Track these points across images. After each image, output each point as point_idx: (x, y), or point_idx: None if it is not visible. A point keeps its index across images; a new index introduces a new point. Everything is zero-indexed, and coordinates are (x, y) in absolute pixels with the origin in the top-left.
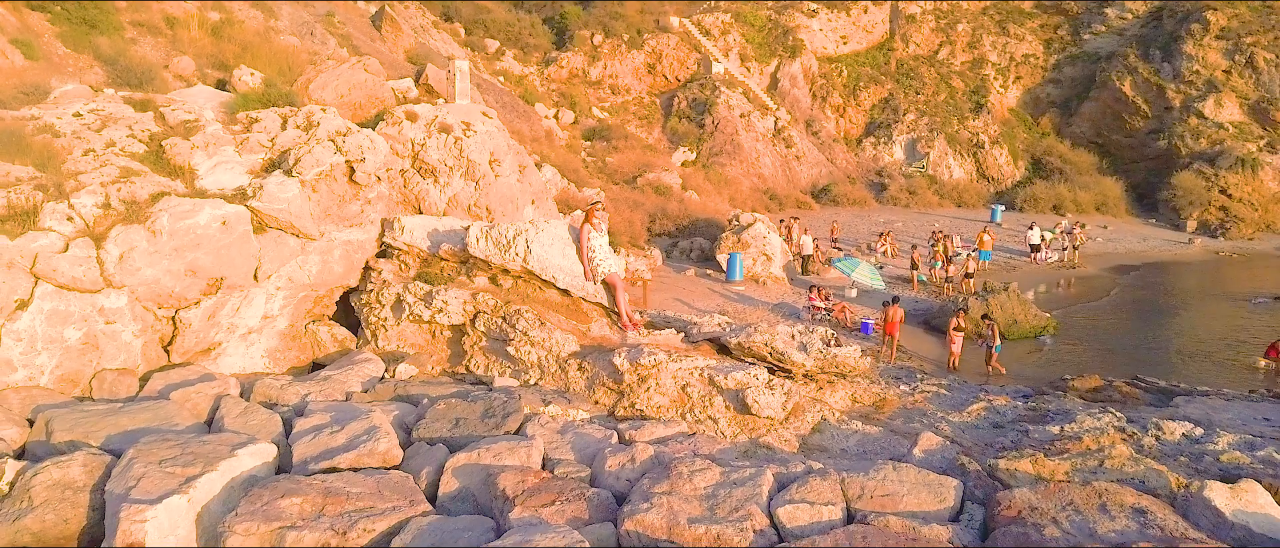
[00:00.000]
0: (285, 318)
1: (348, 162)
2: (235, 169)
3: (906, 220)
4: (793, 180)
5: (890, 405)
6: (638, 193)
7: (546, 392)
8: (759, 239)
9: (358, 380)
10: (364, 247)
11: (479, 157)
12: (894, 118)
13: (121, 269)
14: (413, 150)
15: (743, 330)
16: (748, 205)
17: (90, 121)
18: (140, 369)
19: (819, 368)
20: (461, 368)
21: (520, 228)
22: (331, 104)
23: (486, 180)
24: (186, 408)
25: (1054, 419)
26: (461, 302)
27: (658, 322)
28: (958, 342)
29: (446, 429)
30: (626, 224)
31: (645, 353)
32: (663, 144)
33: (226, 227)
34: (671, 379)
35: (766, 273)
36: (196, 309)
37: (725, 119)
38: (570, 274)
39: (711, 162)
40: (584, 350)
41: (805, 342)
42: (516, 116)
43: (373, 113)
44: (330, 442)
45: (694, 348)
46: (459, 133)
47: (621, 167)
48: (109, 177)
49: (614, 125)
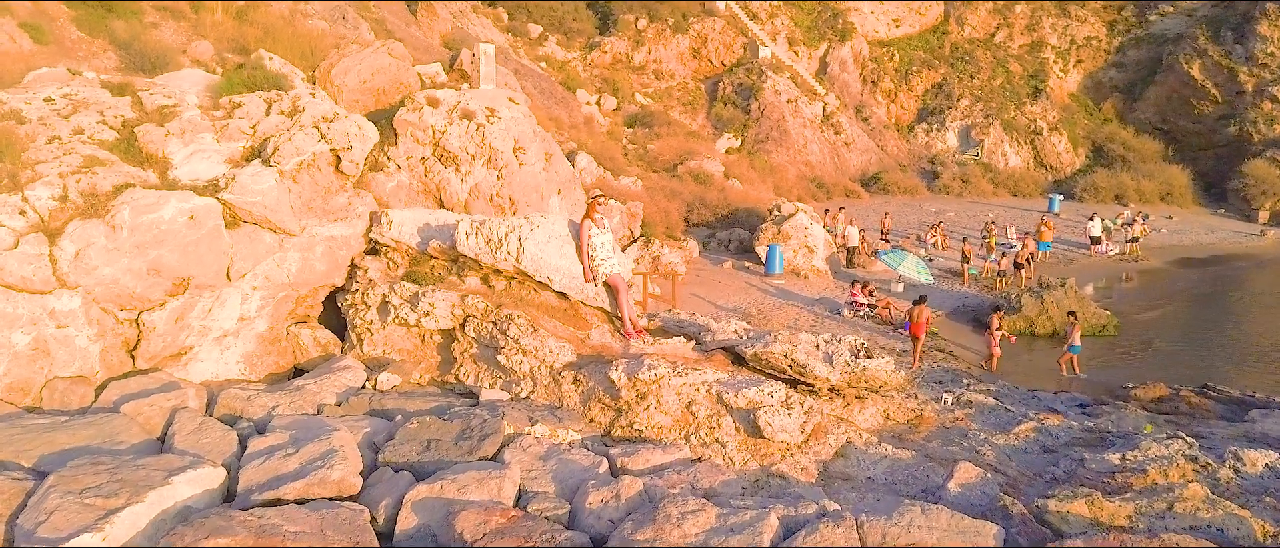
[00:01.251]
0: (264, 320)
1: (333, 150)
2: (213, 158)
3: (959, 210)
4: (841, 168)
5: (927, 424)
6: (677, 181)
7: (536, 408)
8: (800, 230)
9: (333, 391)
10: (349, 242)
11: (502, 144)
12: (948, 104)
13: (76, 268)
14: (433, 137)
15: (760, 339)
16: (794, 194)
17: (61, 107)
18: (99, 377)
19: (846, 382)
20: (451, 377)
21: (513, 223)
22: (354, 90)
23: (510, 169)
24: (139, 422)
25: (1114, 444)
26: (449, 305)
27: (670, 327)
28: (997, 341)
29: (416, 453)
30: (662, 214)
31: (645, 366)
32: (707, 130)
33: (194, 221)
34: (675, 396)
35: (808, 266)
36: (161, 311)
37: (772, 105)
38: (568, 275)
39: (757, 148)
40: (581, 361)
41: (831, 352)
42: (554, 103)
43: (397, 99)
44: (281, 467)
45: (706, 359)
46: (482, 119)
47: (662, 154)
48: (70, 166)
49: (657, 111)
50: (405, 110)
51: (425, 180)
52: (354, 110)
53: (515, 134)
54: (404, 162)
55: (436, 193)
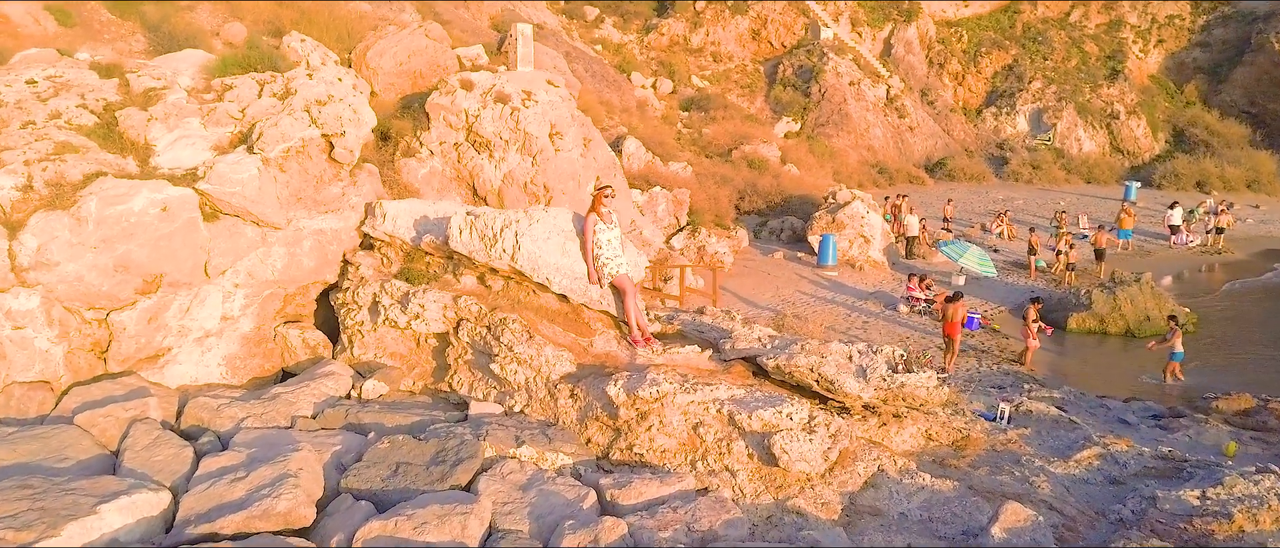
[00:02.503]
0: (250, 319)
1: (325, 136)
2: (198, 145)
3: (1028, 198)
4: (905, 153)
5: (974, 447)
6: (729, 166)
7: (527, 425)
8: (856, 219)
9: (311, 401)
10: (340, 236)
11: (537, 129)
12: (1018, 86)
13: (37, 264)
14: (467, 122)
15: (785, 348)
16: (854, 180)
17: (42, 90)
18: (64, 381)
19: (881, 399)
20: (445, 385)
21: (510, 217)
22: (390, 73)
23: (545, 155)
24: (94, 434)
25: (1192, 477)
26: (441, 306)
27: (688, 332)
28: (1034, 333)
29: (381, 478)
30: (712, 201)
31: (647, 382)
32: (765, 114)
33: (167, 213)
34: (680, 417)
35: (864, 257)
36: (131, 311)
37: (833, 87)
38: (569, 276)
39: (817, 132)
40: (580, 372)
41: (865, 364)
42: (606, 86)
43: (435, 82)
44: (226, 494)
45: (724, 370)
46: (517, 103)
47: (717, 138)
48: (38, 153)
49: (714, 94)
50: (438, 94)
51: (458, 167)
52: (389, 94)
53: (552, 118)
54: (437, 147)
55: (469, 180)
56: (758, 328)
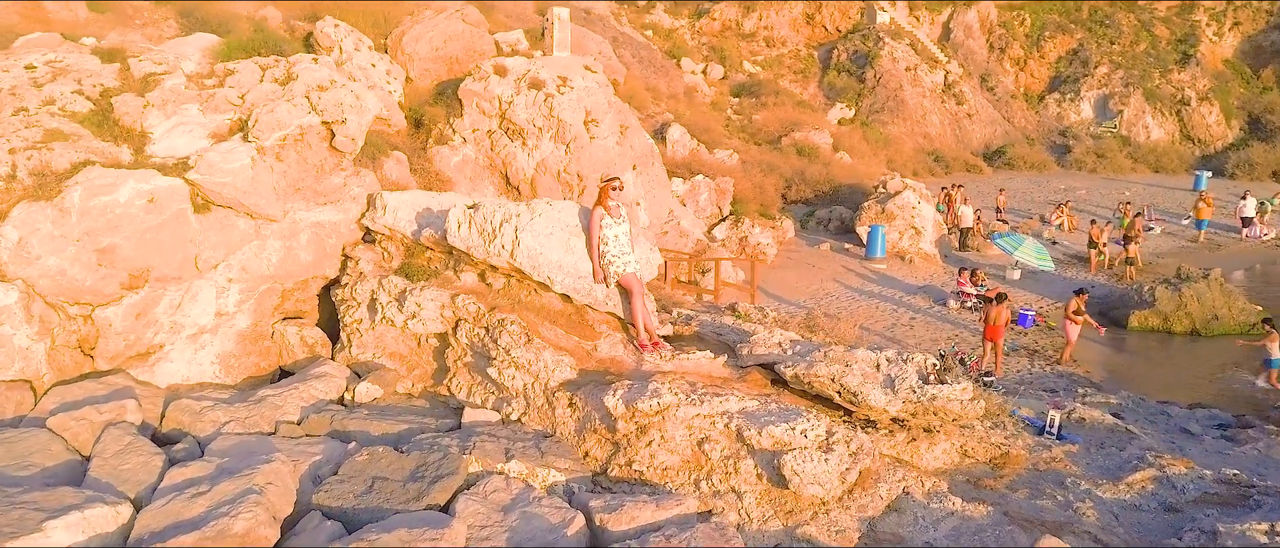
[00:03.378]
0: (246, 316)
1: (325, 123)
2: (195, 132)
3: (1091, 188)
4: (963, 140)
5: (1014, 465)
6: (778, 154)
7: (521, 436)
8: (907, 210)
9: (299, 404)
10: (338, 229)
11: (572, 116)
12: (1083, 71)
13: (17, 257)
14: (500, 109)
15: (806, 355)
16: (909, 168)
17: (40, 75)
18: (47, 380)
19: (910, 413)
20: (445, 388)
21: (510, 211)
22: (425, 58)
23: (579, 143)
24: (67, 437)
25: (1259, 506)
26: (439, 305)
27: (706, 334)
28: (1073, 331)
29: (355, 495)
30: (757, 190)
31: (648, 393)
32: (818, 100)
33: (154, 205)
34: (683, 431)
35: (914, 249)
36: (117, 307)
37: (889, 73)
38: (573, 274)
39: (871, 119)
40: (582, 379)
41: (894, 374)
42: (653, 72)
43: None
44: (185, 510)
45: (739, 378)
46: (552, 89)
47: (767, 125)
48: (25, 141)
49: (765, 80)
50: (471, 80)
51: (491, 155)
52: (425, 80)
53: (588, 104)
54: (469, 135)
55: (502, 169)
56: (779, 332)
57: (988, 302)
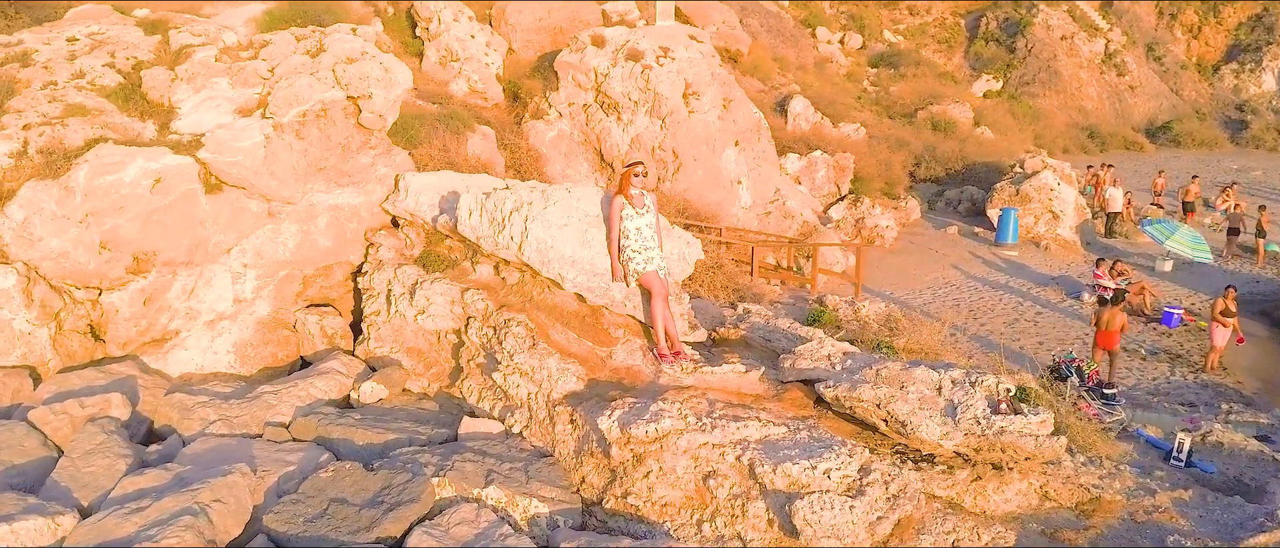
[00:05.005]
0: (266, 303)
1: (350, 98)
2: (222, 107)
3: (1270, 168)
4: (1123, 115)
5: (1105, 514)
6: (910, 129)
7: (512, 456)
8: (1044, 192)
9: (295, 403)
10: (358, 213)
11: (669, 89)
12: (1267, 39)
13: (19, 238)
14: (596, 81)
15: (856, 372)
16: (1059, 144)
17: (79, 47)
18: (53, 365)
19: (973, 448)
20: (457, 390)
21: (521, 198)
22: (528, 28)
23: (676, 117)
24: (47, 432)
25: None
26: (449, 300)
27: (754, 338)
28: (1221, 334)
29: (304, 519)
30: (882, 167)
31: (648, 415)
32: (963, 72)
33: (161, 185)
34: (687, 463)
35: (1051, 234)
36: (122, 293)
37: (1042, 42)
38: (587, 271)
39: (1020, 92)
40: (589, 391)
41: (958, 399)
42: (782, 42)
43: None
44: (116, 528)
45: (775, 396)
46: (651, 60)
47: (904, 97)
48: (43, 116)
49: (906, 50)
50: (567, 51)
51: (586, 130)
52: (527, 52)
53: (690, 76)
54: (565, 109)
55: (596, 145)
56: (830, 343)
57: (1103, 303)
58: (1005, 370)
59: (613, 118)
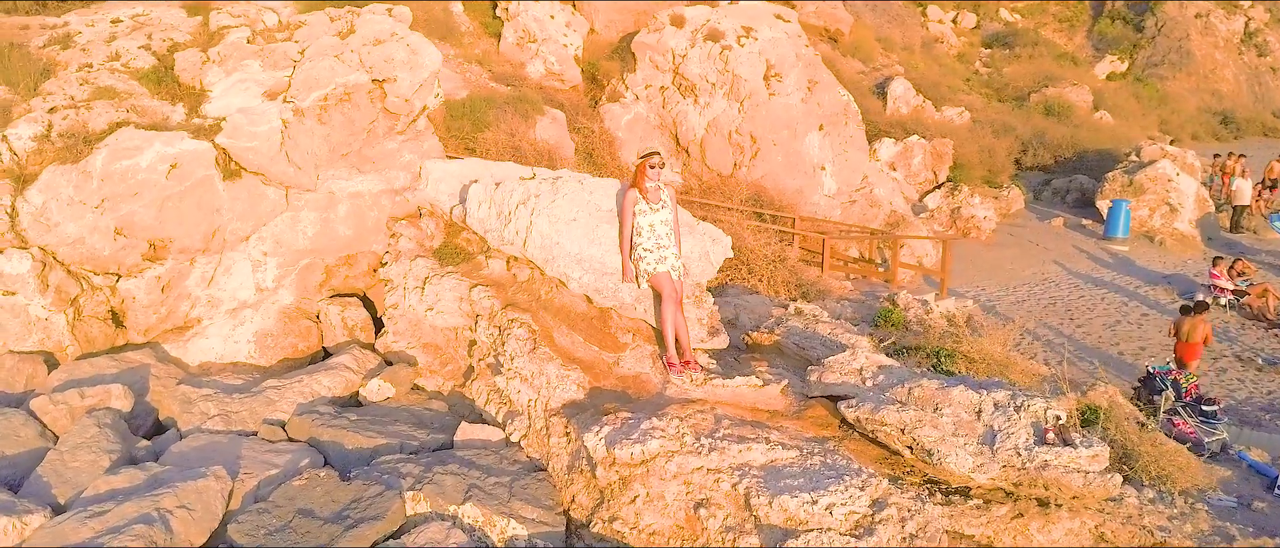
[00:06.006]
0: (289, 292)
1: (376, 81)
2: (252, 90)
3: None
4: (1263, 99)
5: None
6: (1019, 114)
7: (499, 469)
8: (1160, 183)
9: (297, 399)
10: (379, 201)
11: (749, 70)
12: None
13: (36, 223)
14: (673, 63)
15: (886, 390)
16: (1187, 130)
17: (121, 29)
18: (72, 352)
19: (1012, 482)
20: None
21: (528, 190)
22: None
23: (755, 100)
24: (47, 422)
25: None
26: (457, 297)
27: (788, 345)
28: None
29: (266, 531)
30: (984, 154)
31: (635, 434)
32: (1085, 52)
33: (177, 171)
34: (678, 489)
35: (1167, 229)
36: (138, 280)
37: (1173, 20)
38: (595, 271)
39: (1147, 74)
40: (590, 400)
41: (999, 426)
42: (887, 21)
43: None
44: (73, 532)
45: (794, 414)
46: (731, 41)
47: (1017, 78)
48: (70, 99)
49: (1024, 30)
50: (645, 32)
51: (662, 113)
52: (610, 32)
53: (773, 57)
54: (642, 91)
55: (672, 128)
56: (864, 354)
57: (1184, 311)
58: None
59: (689, 100)
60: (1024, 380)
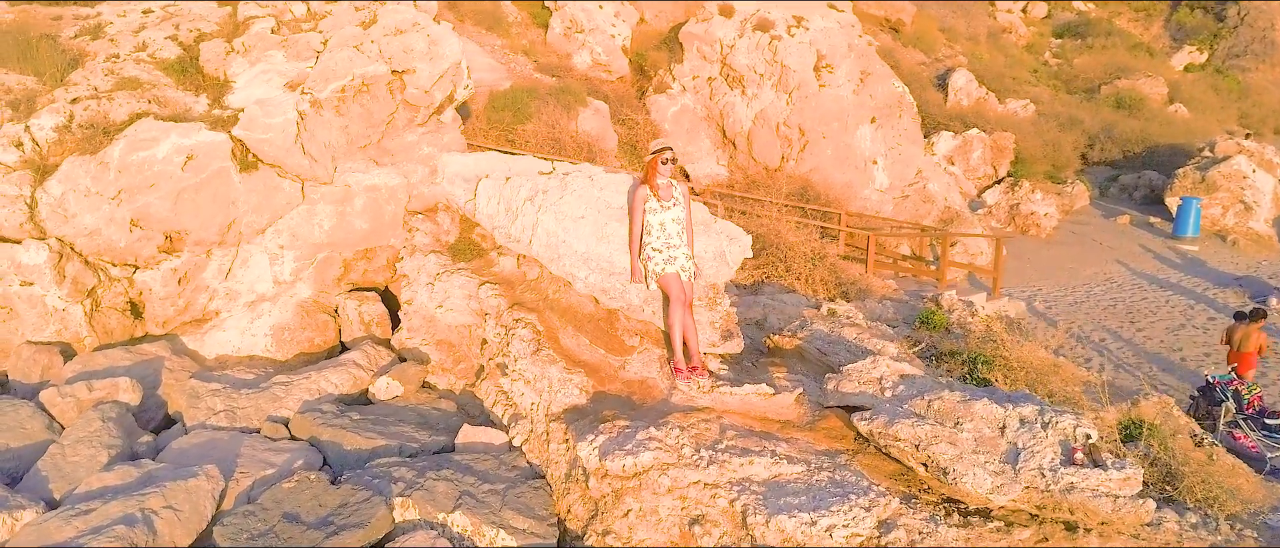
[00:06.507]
0: (308, 285)
1: (395, 72)
2: (274, 81)
3: None
4: None
5: None
6: (1088, 106)
7: (495, 476)
8: (1234, 179)
9: (304, 396)
10: (396, 195)
11: (798, 61)
12: None
13: (54, 214)
14: (721, 53)
15: (906, 400)
16: (1270, 125)
17: (152, 19)
18: (89, 343)
19: (1035, 505)
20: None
21: (536, 185)
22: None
23: (804, 91)
24: (55, 414)
25: None
26: (465, 295)
27: (810, 349)
28: None
29: (249, 535)
30: (1049, 148)
31: (629, 445)
32: (1162, 42)
33: (193, 163)
34: (673, 504)
35: (1241, 228)
36: (154, 272)
37: (1259, 9)
38: (603, 270)
39: (1228, 65)
40: (592, 406)
41: (1023, 445)
42: (950, 11)
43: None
44: (56, 532)
45: (809, 423)
46: (781, 31)
47: (1088, 69)
48: (93, 90)
49: (1096, 19)
50: (693, 21)
51: (709, 105)
52: (660, 21)
53: (823, 47)
54: (689, 82)
55: (719, 120)
56: (886, 362)
57: (1238, 318)
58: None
59: (737, 92)
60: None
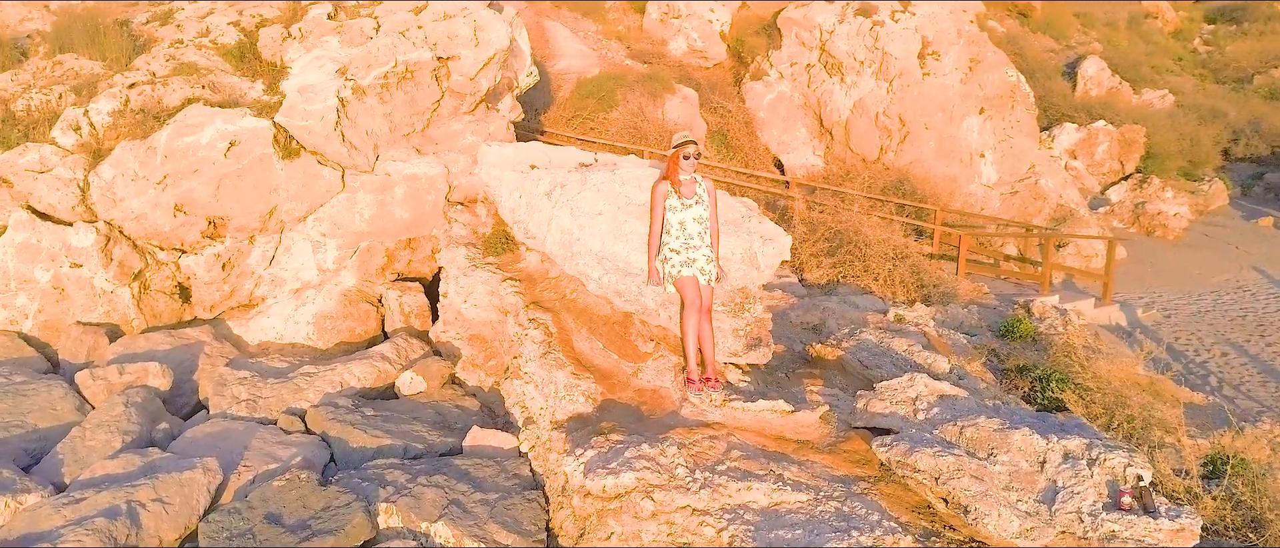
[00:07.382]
0: (351, 274)
1: (439, 58)
2: (328, 67)
3: None
4: None
5: None
6: (1234, 98)
7: (490, 484)
8: None
9: (326, 388)
10: (435, 185)
11: (901, 48)
12: None
13: (104, 198)
14: (820, 39)
15: (937, 426)
16: None
17: (218, 6)
18: (137, 324)
19: None
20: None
21: (557, 178)
22: None
23: (906, 79)
24: (88, 395)
25: None
26: (488, 291)
27: (851, 362)
28: None
29: (229, 534)
30: (1185, 143)
31: (610, 465)
32: None
33: (236, 149)
34: (658, 529)
35: None
36: (198, 257)
37: None
38: (617, 270)
39: None
40: (599, 414)
41: (1063, 484)
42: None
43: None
44: (44, 520)
45: (831, 445)
46: (884, 15)
47: (1239, 58)
48: (150, 75)
49: (1256, 4)
50: (791, 6)
51: (806, 92)
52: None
53: (929, 33)
54: (786, 69)
55: (816, 109)
56: (923, 381)
57: None
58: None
59: (835, 79)
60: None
